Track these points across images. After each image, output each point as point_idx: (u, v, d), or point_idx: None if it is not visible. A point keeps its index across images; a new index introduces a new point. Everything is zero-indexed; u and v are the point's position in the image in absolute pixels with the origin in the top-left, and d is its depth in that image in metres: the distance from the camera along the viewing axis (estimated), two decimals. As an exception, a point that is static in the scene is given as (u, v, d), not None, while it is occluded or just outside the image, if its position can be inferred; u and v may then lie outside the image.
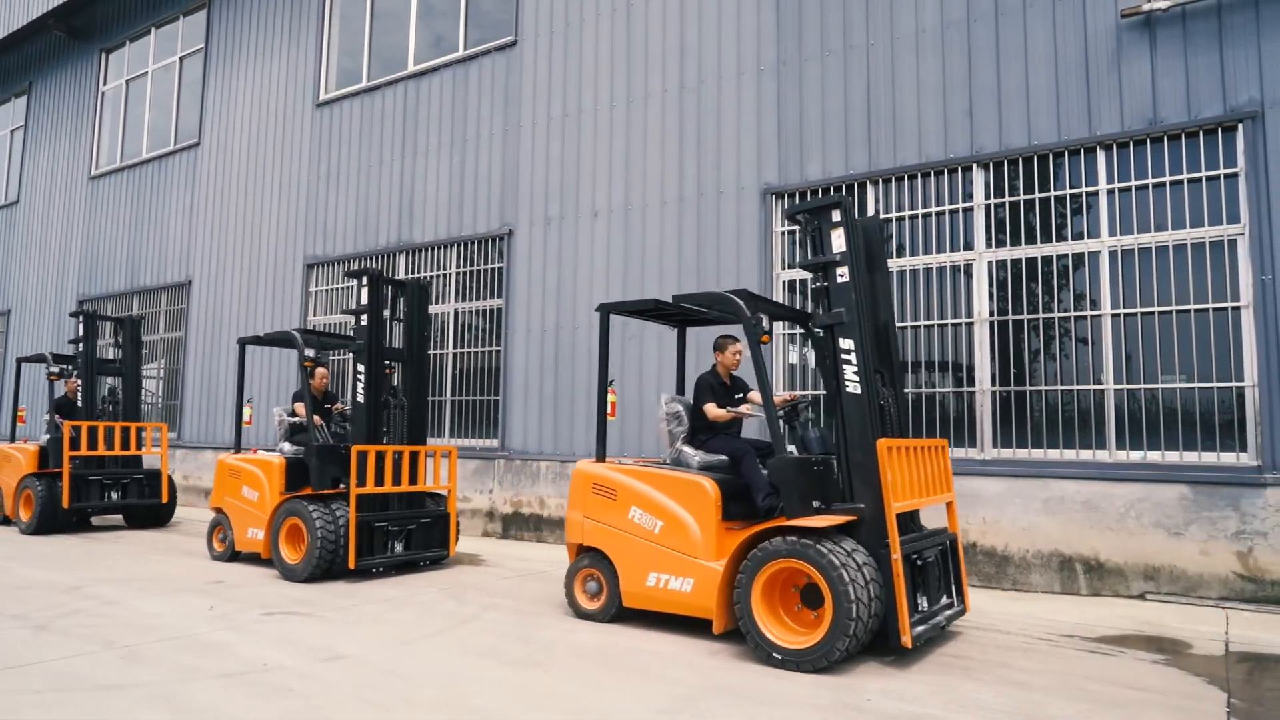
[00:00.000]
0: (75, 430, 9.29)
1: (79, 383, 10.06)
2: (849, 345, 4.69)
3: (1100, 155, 6.62)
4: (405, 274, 10.73)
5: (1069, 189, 6.73)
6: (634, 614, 5.26)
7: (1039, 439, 6.67)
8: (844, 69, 7.74)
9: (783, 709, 3.66)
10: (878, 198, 7.55)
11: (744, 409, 5.46)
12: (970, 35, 7.15)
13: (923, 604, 4.62)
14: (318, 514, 6.63)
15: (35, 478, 9.48)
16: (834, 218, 4.78)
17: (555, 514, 8.99)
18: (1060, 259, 6.75)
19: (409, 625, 5.15)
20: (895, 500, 4.39)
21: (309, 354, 7.54)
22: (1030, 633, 5.11)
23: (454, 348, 10.22)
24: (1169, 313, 6.29)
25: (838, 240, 4.76)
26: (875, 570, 4.32)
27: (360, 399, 7.01)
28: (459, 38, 10.61)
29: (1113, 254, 6.52)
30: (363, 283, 7.10)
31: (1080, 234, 6.68)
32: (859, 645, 4.20)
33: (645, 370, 8.54)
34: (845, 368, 4.70)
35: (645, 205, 8.81)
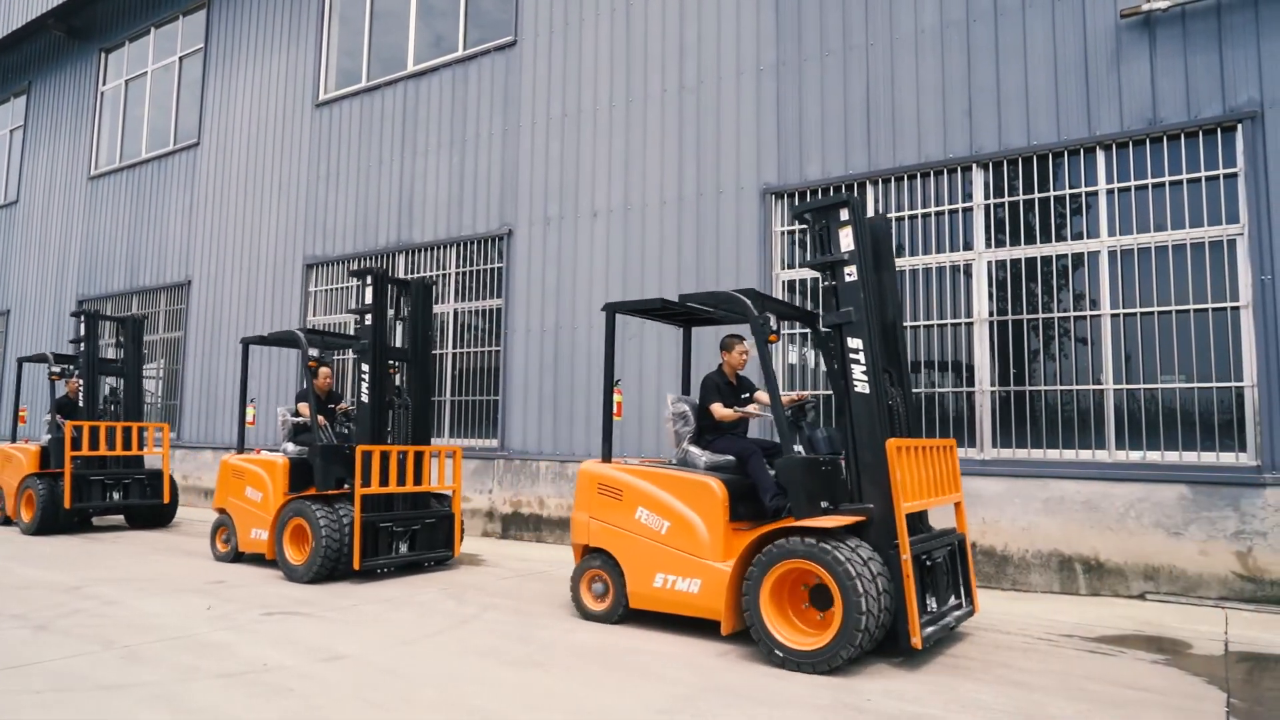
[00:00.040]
0: (77, 430, 9.29)
1: (80, 382, 10.06)
2: (857, 344, 4.68)
3: (1100, 155, 6.62)
4: (405, 274, 10.73)
5: (1068, 189, 6.73)
6: (634, 615, 5.26)
7: (1039, 439, 6.67)
8: (843, 69, 7.74)
9: (783, 709, 3.66)
10: (877, 198, 7.56)
11: (751, 409, 5.45)
12: (969, 35, 7.15)
13: (932, 605, 4.61)
14: (322, 515, 6.60)
15: (37, 478, 9.48)
16: (842, 216, 4.77)
17: (554, 514, 9.00)
18: (1060, 259, 6.75)
19: (409, 625, 5.16)
20: (905, 500, 4.37)
21: (313, 354, 7.52)
22: (1030, 633, 5.12)
23: (453, 348, 10.22)
24: (1168, 313, 6.29)
25: (846, 239, 4.75)
26: (885, 571, 4.29)
27: (365, 399, 7.01)
28: (458, 38, 10.61)
29: (1112, 254, 6.52)
30: (367, 282, 7.09)
31: (1080, 234, 6.68)
32: (869, 647, 4.19)
33: (645, 369, 8.54)
34: (854, 367, 4.68)
35: (645, 205, 8.81)
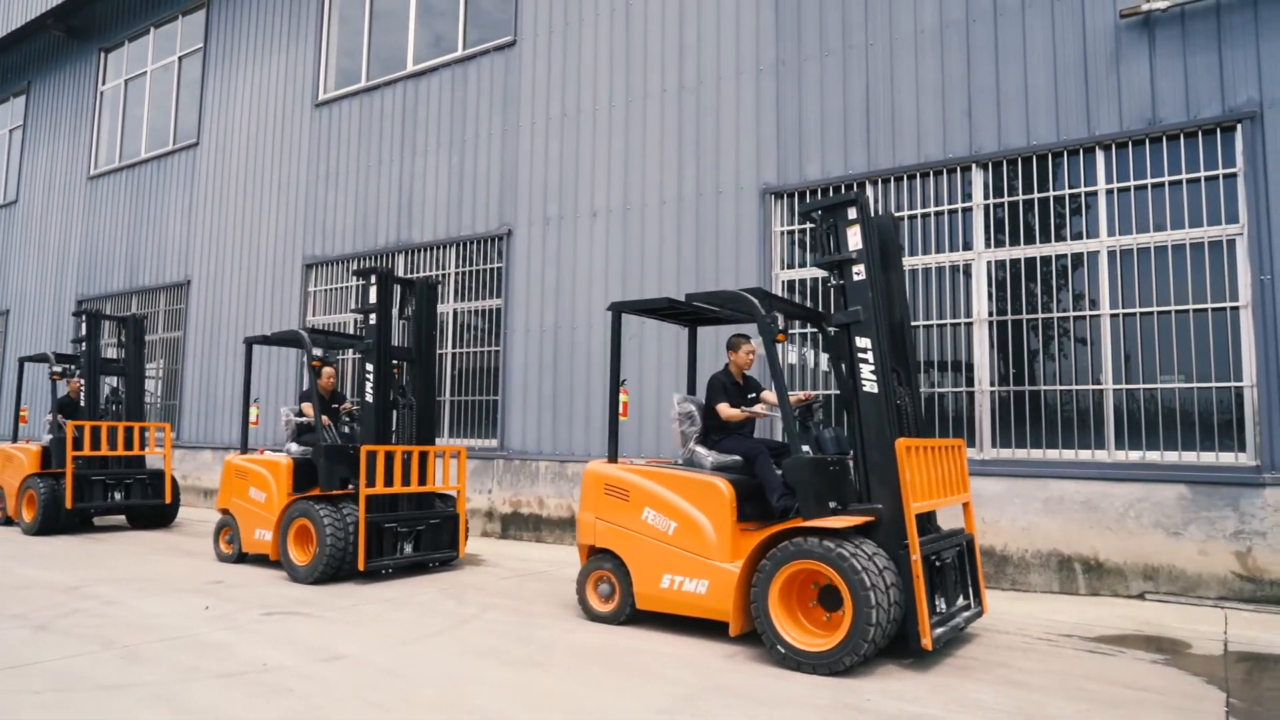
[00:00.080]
0: (78, 430, 9.28)
1: (81, 382, 10.06)
2: (865, 344, 4.66)
3: (1099, 155, 6.62)
4: (405, 274, 10.73)
5: (1068, 189, 6.74)
6: (635, 617, 5.25)
7: (1038, 439, 6.68)
8: (843, 69, 7.74)
9: (782, 709, 3.67)
10: (876, 198, 7.56)
11: (757, 409, 5.43)
12: (969, 35, 7.15)
13: (941, 605, 4.59)
14: (327, 515, 6.56)
15: (38, 478, 9.47)
16: (850, 214, 4.75)
17: (554, 514, 9.00)
18: (1059, 259, 6.75)
19: (409, 625, 5.16)
20: (914, 500, 4.36)
21: (316, 354, 7.51)
22: (1029, 632, 5.12)
23: (453, 348, 10.22)
24: (1168, 313, 6.30)
25: (854, 237, 4.73)
26: (894, 572, 4.28)
27: (369, 399, 6.99)
28: (458, 38, 10.61)
29: (1111, 254, 6.52)
30: (371, 281, 7.08)
31: (1079, 234, 6.68)
32: (878, 647, 4.18)
33: (646, 370, 8.54)
34: (862, 366, 4.67)
35: (644, 205, 8.81)
